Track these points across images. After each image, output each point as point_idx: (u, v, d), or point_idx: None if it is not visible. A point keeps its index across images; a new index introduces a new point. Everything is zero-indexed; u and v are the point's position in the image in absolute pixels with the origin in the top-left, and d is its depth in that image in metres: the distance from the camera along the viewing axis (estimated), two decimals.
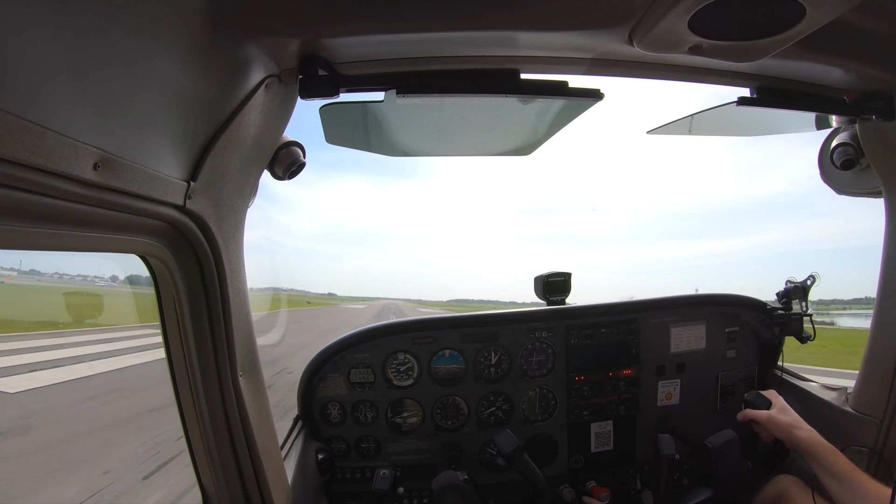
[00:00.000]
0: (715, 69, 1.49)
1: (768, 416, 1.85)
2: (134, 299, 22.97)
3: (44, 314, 20.48)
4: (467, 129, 1.77)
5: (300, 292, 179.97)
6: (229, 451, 1.48)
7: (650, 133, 2.04)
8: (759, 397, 1.95)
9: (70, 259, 39.43)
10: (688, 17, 1.07)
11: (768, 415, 1.85)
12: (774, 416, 1.83)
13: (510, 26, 1.22)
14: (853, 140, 1.91)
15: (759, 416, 1.88)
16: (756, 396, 1.97)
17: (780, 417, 1.82)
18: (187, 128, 1.08)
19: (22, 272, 36.69)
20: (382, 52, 1.32)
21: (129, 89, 0.87)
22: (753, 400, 1.96)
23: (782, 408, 1.87)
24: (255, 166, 1.46)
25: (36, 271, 39.46)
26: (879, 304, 2.04)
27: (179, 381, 1.40)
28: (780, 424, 1.80)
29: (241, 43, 1.10)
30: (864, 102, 1.63)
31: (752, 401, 1.96)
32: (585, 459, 2.50)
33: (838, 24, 1.10)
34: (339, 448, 2.41)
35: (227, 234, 1.36)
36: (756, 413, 1.90)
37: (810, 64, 1.47)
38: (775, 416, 1.83)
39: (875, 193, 2.01)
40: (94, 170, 0.82)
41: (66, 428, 8.01)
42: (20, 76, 0.66)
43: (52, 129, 0.72)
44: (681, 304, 2.57)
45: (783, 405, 1.89)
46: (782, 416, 1.83)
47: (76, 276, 37.53)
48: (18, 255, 36.36)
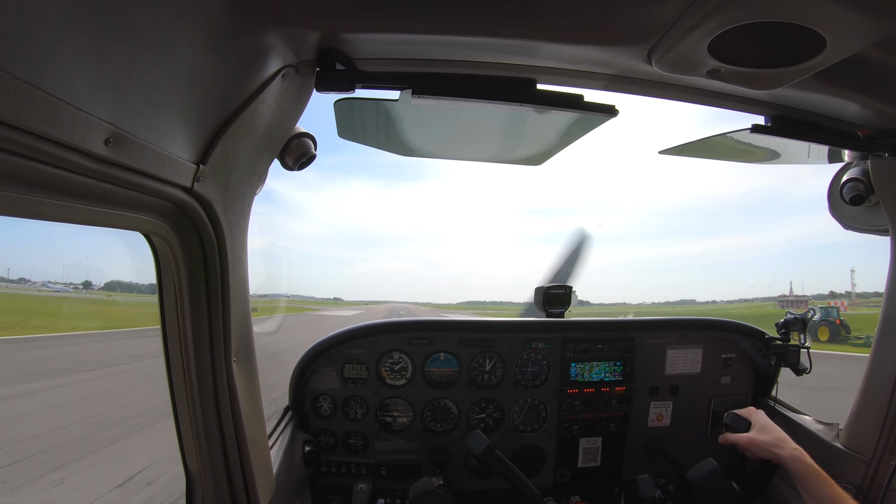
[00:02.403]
0: (731, 94, 1.49)
1: (748, 439, 1.82)
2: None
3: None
4: (480, 134, 1.77)
5: (298, 297, 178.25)
6: (216, 436, 1.48)
7: (662, 153, 2.04)
8: (737, 419, 1.92)
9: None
10: (708, 40, 1.07)
11: (748, 438, 1.82)
12: (754, 438, 1.80)
13: (530, 36, 1.22)
14: (864, 176, 1.91)
15: (739, 441, 1.84)
16: (734, 419, 1.93)
17: (761, 438, 1.79)
18: (201, 110, 1.09)
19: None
20: (400, 50, 1.32)
21: (146, 68, 0.88)
22: (731, 423, 1.93)
23: (762, 426, 1.83)
24: (265, 154, 1.46)
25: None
26: (878, 341, 2.03)
27: (173, 361, 1.40)
28: (762, 445, 1.77)
29: (261, 30, 1.11)
30: (877, 139, 1.62)
31: (731, 423, 1.93)
32: (572, 473, 2.49)
33: (858, 58, 1.10)
34: (327, 441, 2.40)
35: (232, 219, 1.36)
36: (736, 437, 1.86)
37: (827, 97, 1.46)
38: (755, 437, 1.80)
39: (882, 231, 2.00)
40: (105, 145, 0.82)
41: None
42: (39, 46, 0.66)
43: (66, 101, 0.72)
44: (679, 325, 2.56)
45: (763, 423, 1.85)
46: (763, 436, 1.79)
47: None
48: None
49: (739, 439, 1.85)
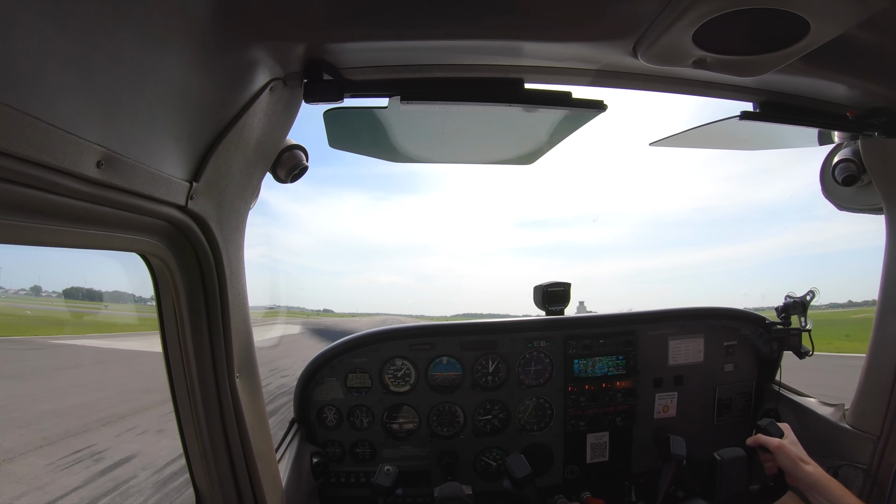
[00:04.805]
0: (718, 83, 1.50)
1: (779, 443, 1.83)
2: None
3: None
4: (470, 136, 1.77)
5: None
6: (224, 452, 1.48)
7: (653, 145, 2.05)
8: (773, 425, 1.93)
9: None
10: (692, 30, 1.08)
11: (780, 442, 1.83)
12: (785, 445, 1.82)
13: (515, 36, 1.23)
14: (855, 156, 1.91)
15: (771, 443, 1.85)
16: (770, 424, 1.94)
17: (791, 448, 1.81)
18: (191, 128, 1.09)
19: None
20: (387, 58, 1.32)
21: (134, 88, 0.88)
22: (767, 427, 1.94)
23: (793, 440, 1.86)
24: (257, 168, 1.46)
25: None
26: (879, 320, 2.04)
27: (176, 380, 1.39)
28: (790, 455, 1.78)
29: (247, 45, 1.11)
30: (866, 119, 1.63)
31: (766, 427, 1.94)
32: (581, 470, 2.49)
33: (843, 40, 1.11)
34: (335, 452, 2.39)
35: (227, 236, 1.36)
36: (768, 439, 1.87)
37: (814, 80, 1.47)
38: (786, 445, 1.82)
39: (876, 210, 2.01)
40: (97, 167, 0.82)
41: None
42: (26, 72, 0.66)
43: (56, 126, 0.72)
44: (679, 316, 2.56)
45: (794, 439, 1.87)
46: (793, 447, 1.81)
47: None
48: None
49: (771, 442, 1.86)
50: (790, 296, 2.50)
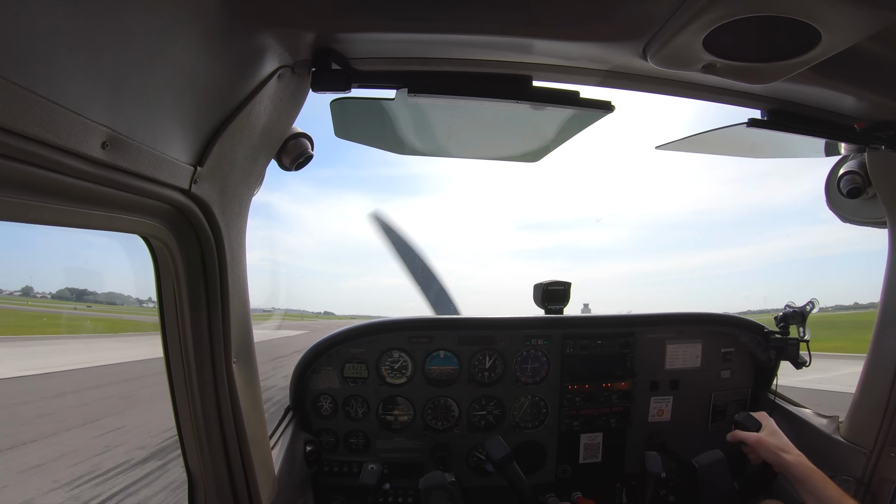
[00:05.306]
0: (727, 89, 1.49)
1: (757, 437, 1.85)
2: None
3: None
4: (476, 132, 1.77)
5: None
6: (218, 437, 1.49)
7: (659, 148, 2.04)
8: (750, 419, 1.95)
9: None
10: (703, 35, 1.07)
11: (757, 437, 1.85)
12: (763, 439, 1.83)
13: (525, 33, 1.22)
14: (861, 169, 1.91)
15: (748, 438, 1.87)
16: (746, 418, 1.96)
17: (770, 440, 1.82)
18: (197, 112, 1.09)
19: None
20: (396, 49, 1.32)
21: (142, 70, 0.88)
22: (743, 421, 1.96)
23: (772, 430, 1.87)
24: (262, 155, 1.46)
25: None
26: (877, 333, 2.03)
27: (173, 363, 1.40)
28: (769, 447, 1.80)
29: (256, 31, 1.11)
30: (874, 132, 1.62)
31: (742, 422, 1.96)
32: (573, 470, 2.50)
33: (853, 51, 1.10)
34: (328, 441, 2.41)
35: (230, 221, 1.36)
36: (745, 434, 1.89)
37: (823, 90, 1.46)
38: (764, 438, 1.83)
39: (879, 223, 2.01)
40: (102, 148, 0.82)
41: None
42: (34, 51, 0.66)
43: (62, 106, 0.72)
44: (678, 320, 2.56)
45: (773, 428, 1.88)
46: (772, 438, 1.83)
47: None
48: None
49: (748, 437, 1.87)
50: (790, 305, 2.50)
